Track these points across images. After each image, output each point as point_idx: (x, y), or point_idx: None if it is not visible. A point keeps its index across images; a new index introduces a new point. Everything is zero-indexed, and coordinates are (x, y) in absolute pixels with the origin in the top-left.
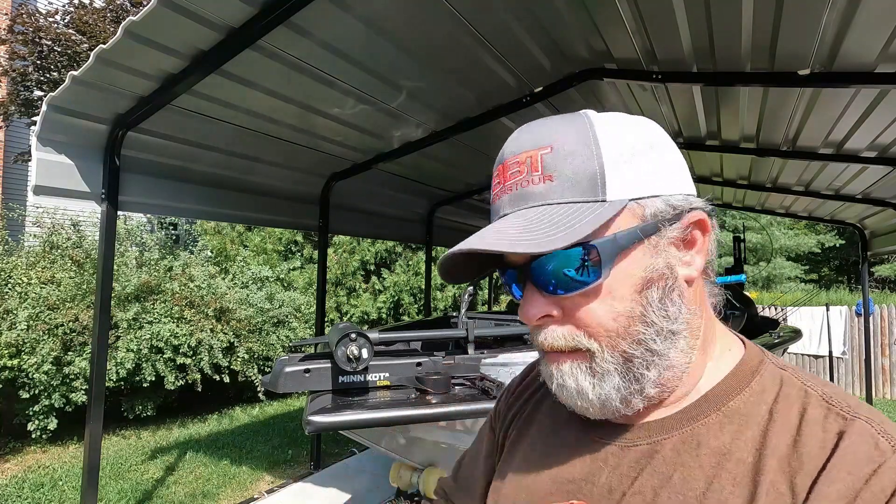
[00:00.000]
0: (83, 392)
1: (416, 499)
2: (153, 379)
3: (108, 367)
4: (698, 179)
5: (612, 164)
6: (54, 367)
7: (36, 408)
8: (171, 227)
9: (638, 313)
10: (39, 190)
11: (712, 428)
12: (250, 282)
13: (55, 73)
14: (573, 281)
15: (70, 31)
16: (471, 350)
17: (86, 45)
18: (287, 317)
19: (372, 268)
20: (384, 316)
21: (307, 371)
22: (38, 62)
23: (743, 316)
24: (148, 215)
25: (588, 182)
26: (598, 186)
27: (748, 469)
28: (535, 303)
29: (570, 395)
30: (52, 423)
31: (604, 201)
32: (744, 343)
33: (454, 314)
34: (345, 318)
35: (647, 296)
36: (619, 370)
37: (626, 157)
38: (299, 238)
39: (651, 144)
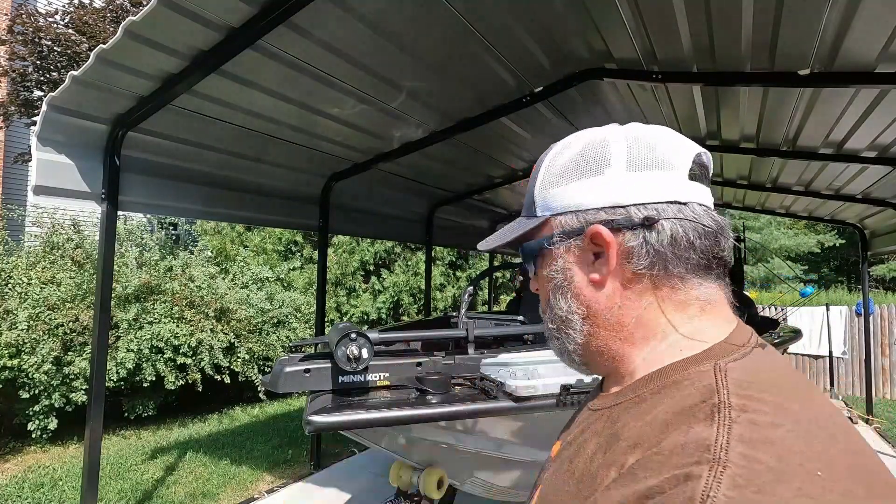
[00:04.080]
0: (83, 392)
1: (416, 499)
2: (153, 379)
3: (109, 367)
4: None
5: (541, 187)
6: (54, 367)
7: (36, 408)
8: (171, 227)
9: (546, 302)
10: (39, 190)
11: (624, 409)
12: (250, 282)
13: (55, 73)
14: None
15: (70, 31)
16: (471, 350)
17: (86, 45)
18: (287, 317)
19: (371, 268)
20: (384, 316)
21: (307, 371)
22: (38, 62)
23: (743, 316)
24: (148, 215)
25: (528, 201)
26: (533, 205)
27: (617, 448)
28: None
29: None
30: (52, 423)
31: (535, 216)
32: (710, 351)
33: (454, 314)
34: (345, 318)
35: (550, 290)
36: (550, 336)
37: (554, 181)
38: (299, 238)
39: (578, 167)
